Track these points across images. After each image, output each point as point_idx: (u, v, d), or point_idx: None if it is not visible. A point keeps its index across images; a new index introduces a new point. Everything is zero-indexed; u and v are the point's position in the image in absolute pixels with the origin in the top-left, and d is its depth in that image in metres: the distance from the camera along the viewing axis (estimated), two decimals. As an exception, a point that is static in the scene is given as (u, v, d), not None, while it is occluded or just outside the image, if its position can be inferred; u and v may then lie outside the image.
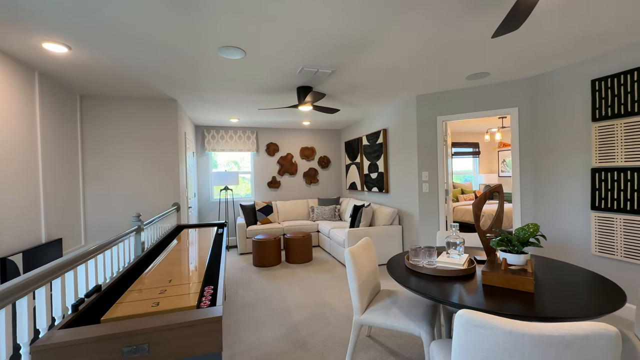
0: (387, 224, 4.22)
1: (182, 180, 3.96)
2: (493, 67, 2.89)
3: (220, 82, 3.12)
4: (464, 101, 3.58)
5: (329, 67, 2.77)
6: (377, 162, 4.86)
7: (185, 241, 2.59)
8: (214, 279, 1.62)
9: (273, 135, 6.07)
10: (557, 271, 1.69)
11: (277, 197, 6.10)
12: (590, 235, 2.75)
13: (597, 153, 2.66)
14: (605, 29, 2.16)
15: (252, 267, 4.23)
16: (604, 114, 2.61)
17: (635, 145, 2.41)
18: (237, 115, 4.83)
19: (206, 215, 5.65)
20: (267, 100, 3.86)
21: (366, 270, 1.98)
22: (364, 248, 2.09)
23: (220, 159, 5.90)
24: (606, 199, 2.60)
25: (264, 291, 3.32)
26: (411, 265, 1.75)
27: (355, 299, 1.84)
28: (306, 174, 6.28)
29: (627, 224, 2.48)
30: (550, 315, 1.19)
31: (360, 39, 2.22)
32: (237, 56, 2.47)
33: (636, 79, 2.39)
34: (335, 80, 3.17)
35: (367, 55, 2.54)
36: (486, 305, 1.29)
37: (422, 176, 3.83)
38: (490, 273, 1.44)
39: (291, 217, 5.75)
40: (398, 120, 4.28)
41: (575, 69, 2.83)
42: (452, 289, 1.49)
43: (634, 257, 2.43)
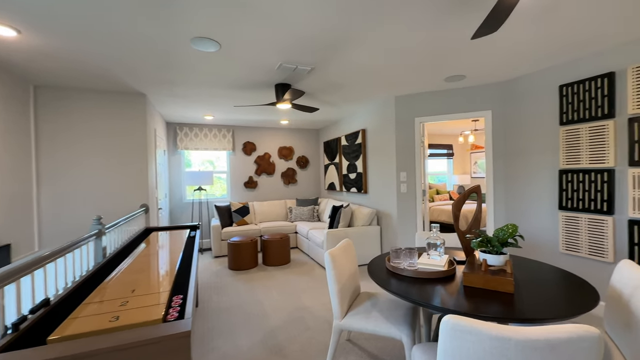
0: (366, 225, 4.21)
1: (151, 180, 3.72)
2: (469, 70, 2.95)
3: (193, 76, 2.95)
4: (441, 103, 3.64)
5: (308, 64, 2.69)
6: (355, 162, 4.85)
7: (154, 245, 2.41)
8: (184, 287, 1.49)
9: (250, 134, 5.90)
10: (532, 270, 1.72)
11: (254, 197, 5.94)
12: (558, 234, 2.87)
13: (564, 155, 2.79)
14: (573, 38, 2.25)
15: (227, 271, 4.07)
16: (570, 118, 2.74)
17: (599, 148, 2.54)
18: (212, 113, 4.63)
19: (178, 217, 5.38)
20: (244, 96, 3.72)
21: (346, 273, 1.93)
22: (344, 250, 2.04)
23: (195, 158, 5.65)
24: (572, 199, 2.73)
25: (240, 296, 3.18)
26: (392, 268, 1.72)
27: (335, 303, 1.78)
28: (284, 174, 6.16)
29: (591, 223, 2.61)
30: (531, 316, 1.19)
31: (341, 36, 2.17)
32: (212, 49, 2.33)
33: (599, 85, 2.52)
34: (314, 78, 3.10)
35: (347, 54, 2.49)
36: (468, 308, 1.27)
37: (400, 177, 3.85)
38: (471, 274, 1.43)
39: (269, 218, 5.61)
40: (377, 121, 4.29)
41: (544, 75, 2.95)
42: (433, 291, 1.47)
43: (597, 254, 2.57)
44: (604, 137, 2.51)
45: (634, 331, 1.27)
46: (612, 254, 2.48)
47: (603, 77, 2.50)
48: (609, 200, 2.48)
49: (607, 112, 2.48)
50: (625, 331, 1.33)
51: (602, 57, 2.52)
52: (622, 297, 1.39)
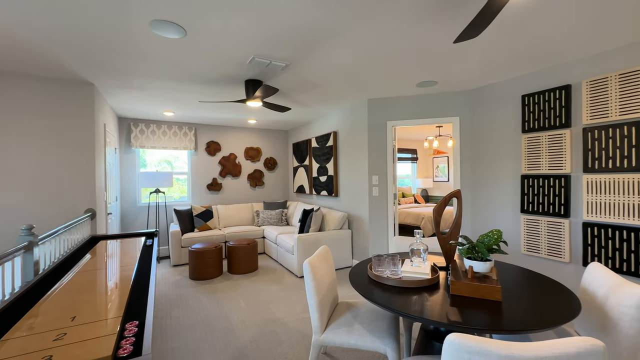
0: (337, 229, 4.13)
1: (99, 181, 3.28)
2: (441, 76, 3.01)
3: (152, 65, 2.64)
4: (413, 108, 3.69)
5: (283, 59, 2.54)
6: (326, 165, 4.77)
7: (102, 257, 2.08)
8: (140, 310, 1.26)
9: (214, 132, 5.55)
10: (514, 275, 1.74)
11: (218, 200, 5.58)
12: (520, 236, 3.02)
13: (526, 161, 2.94)
14: (536, 52, 2.38)
15: (189, 281, 3.73)
16: (531, 127, 2.90)
17: (557, 155, 2.71)
18: (172, 109, 4.25)
19: (131, 223, 4.86)
20: (211, 92, 3.45)
21: (326, 283, 1.80)
22: (323, 258, 1.91)
23: (150, 158, 5.16)
24: (533, 203, 2.89)
25: (204, 309, 2.90)
26: (375, 277, 1.63)
27: (314, 317, 1.65)
28: (251, 176, 5.89)
29: (549, 226, 2.77)
30: (522, 327, 1.16)
31: (320, 32, 2.05)
32: (175, 35, 2.08)
33: (558, 96, 2.70)
34: (289, 76, 2.95)
35: (325, 52, 2.38)
36: (461, 320, 1.22)
37: (373, 180, 3.84)
38: (458, 283, 1.39)
39: (234, 222, 5.31)
40: (349, 123, 4.24)
41: (508, 85, 3.11)
42: (421, 301, 1.40)
43: (555, 255, 2.73)
44: (561, 145, 2.69)
45: (611, 333, 1.31)
46: (568, 255, 2.65)
47: (561, 89, 2.67)
48: (565, 204, 2.66)
49: (564, 122, 2.66)
50: (602, 333, 1.36)
51: (560, 71, 2.70)
52: (596, 300, 1.44)
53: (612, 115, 2.38)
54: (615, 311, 1.28)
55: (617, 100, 2.35)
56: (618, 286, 1.32)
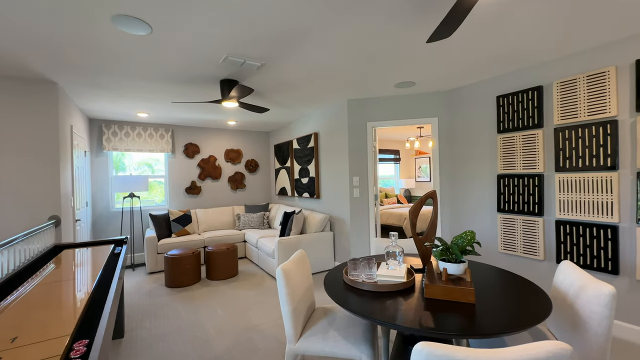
0: (319, 231, 4.08)
1: (64, 186, 3.09)
2: (419, 77, 3.02)
3: (119, 63, 2.51)
4: (392, 108, 3.70)
5: (258, 58, 2.47)
6: (308, 166, 4.71)
7: (62, 268, 1.94)
8: (93, 327, 1.16)
9: (193, 134, 5.39)
10: (487, 276, 1.73)
11: (197, 204, 5.42)
12: (497, 235, 3.07)
13: (501, 161, 2.99)
14: (508, 53, 2.41)
15: (164, 289, 3.57)
16: (506, 127, 2.95)
17: (530, 155, 2.77)
18: (146, 109, 4.09)
19: (103, 229, 4.63)
20: (184, 92, 3.32)
21: (301, 289, 1.74)
22: (298, 263, 1.85)
23: (130, 161, 4.97)
24: (509, 202, 2.94)
25: (178, 318, 2.78)
26: (350, 281, 1.59)
27: (288, 325, 1.58)
28: (232, 179, 5.75)
29: (524, 224, 2.82)
30: (494, 331, 1.14)
31: (295, 30, 2.00)
32: (141, 31, 1.97)
33: (530, 97, 2.76)
34: (265, 76, 2.88)
35: (300, 51, 2.33)
36: (434, 325, 1.18)
37: (353, 181, 3.81)
38: (432, 286, 1.36)
39: (214, 226, 5.16)
40: (329, 124, 4.21)
41: (484, 86, 3.16)
42: (395, 306, 1.36)
43: (530, 253, 2.78)
44: (534, 145, 2.74)
45: (580, 332, 1.31)
46: (542, 252, 2.70)
47: (533, 90, 2.73)
48: (539, 203, 2.71)
49: (537, 122, 2.72)
50: (572, 331, 1.37)
51: (533, 72, 2.76)
52: (567, 298, 1.45)
53: (581, 116, 2.44)
54: (585, 310, 1.29)
55: (585, 100, 2.41)
56: (587, 284, 1.33)
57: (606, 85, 2.29)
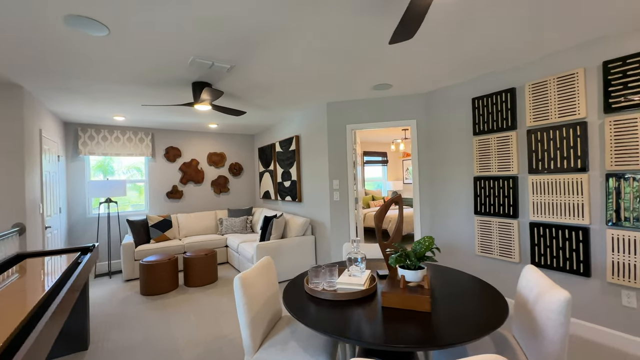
0: (300, 235, 4.02)
1: (31, 192, 2.98)
2: (395, 79, 2.99)
3: (84, 66, 2.43)
4: (371, 111, 3.67)
5: (227, 61, 2.42)
6: (290, 169, 4.66)
7: (21, 278, 1.85)
8: (13, 347, 1.08)
9: (173, 138, 5.29)
10: (450, 282, 1.70)
11: (179, 209, 5.31)
12: (474, 237, 3.05)
13: (477, 163, 2.98)
14: (481, 56, 2.40)
15: (139, 297, 3.47)
16: (482, 129, 2.94)
17: (505, 157, 2.76)
18: (122, 113, 3.99)
19: (79, 236, 4.50)
20: (157, 95, 3.25)
21: (262, 298, 1.68)
22: (262, 271, 1.79)
23: (118, 165, 4.96)
24: (485, 204, 2.92)
25: (149, 328, 2.69)
26: (310, 290, 1.53)
27: (246, 336, 1.52)
28: (215, 183, 5.66)
29: (500, 227, 2.81)
30: (447, 341, 1.10)
31: (262, 31, 1.95)
32: (99, 32, 1.90)
33: (504, 99, 2.75)
34: (237, 78, 2.82)
35: (271, 53, 2.28)
36: (385, 335, 1.14)
37: (333, 184, 3.77)
38: (389, 294, 1.32)
39: (196, 231, 5.06)
40: (310, 127, 4.17)
41: (459, 88, 3.15)
42: (353, 316, 1.31)
43: (506, 255, 2.77)
44: (508, 147, 2.73)
45: (539, 339, 1.28)
46: (517, 255, 2.69)
47: (507, 92, 2.73)
48: (514, 205, 2.70)
49: (510, 124, 2.71)
50: (531, 338, 1.33)
51: (506, 74, 2.76)
52: (528, 304, 1.42)
53: (552, 117, 2.44)
54: (542, 316, 1.26)
55: (556, 102, 2.41)
56: (546, 290, 1.30)
57: (575, 87, 2.30)
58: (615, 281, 2.13)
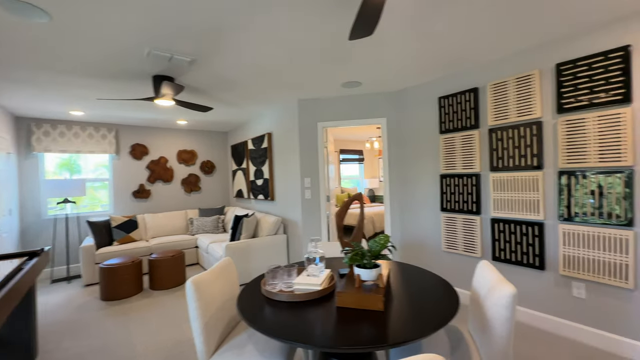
0: (272, 234, 3.96)
1: (-29, 192, 2.73)
2: (364, 77, 2.99)
3: (26, 55, 2.24)
4: (342, 109, 3.66)
5: (186, 53, 2.31)
6: (262, 167, 4.57)
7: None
8: None
9: (140, 134, 5.04)
10: (408, 279, 1.71)
11: (146, 209, 5.09)
12: (440, 234, 3.12)
13: (443, 161, 3.04)
14: (445, 56, 2.44)
15: (98, 303, 3.28)
16: (448, 128, 3.00)
17: (469, 155, 2.83)
18: (80, 107, 3.75)
19: (33, 239, 4.20)
20: (114, 88, 3.06)
21: (218, 301, 1.62)
22: (220, 273, 1.73)
23: (86, 163, 4.69)
24: (451, 202, 2.99)
25: (106, 335, 2.54)
26: (266, 292, 1.49)
27: (199, 342, 1.46)
28: (185, 181, 5.47)
29: (464, 223, 2.88)
30: (398, 340, 1.09)
31: (221, 22, 1.87)
32: (40, 19, 1.75)
33: (468, 98, 2.82)
34: (201, 73, 2.71)
35: (232, 46, 2.20)
36: (338, 337, 1.12)
37: (305, 182, 3.73)
38: (344, 294, 1.30)
39: (165, 232, 4.86)
40: (282, 124, 4.10)
41: (427, 87, 3.20)
42: (308, 317, 1.28)
43: (470, 250, 2.85)
44: (472, 145, 2.81)
45: (487, 334, 1.31)
46: (480, 250, 2.77)
47: (470, 92, 2.80)
48: (477, 202, 2.78)
49: (474, 123, 2.78)
50: (482, 333, 1.36)
51: (470, 74, 2.82)
52: (480, 299, 1.45)
53: (511, 117, 2.52)
54: (491, 311, 1.28)
55: (515, 102, 2.50)
56: (495, 286, 1.32)
57: (532, 88, 2.38)
58: (567, 273, 2.24)
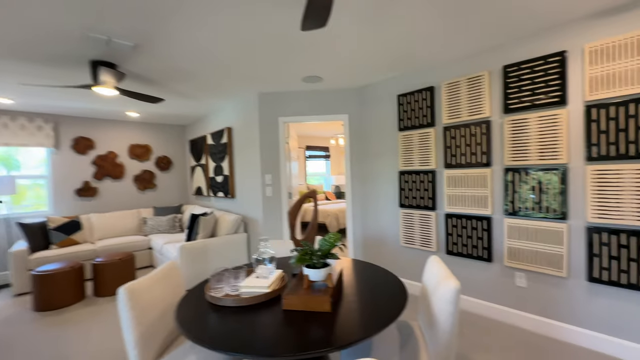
0: (231, 233, 3.80)
1: None
2: (324, 72, 2.94)
3: None
4: (304, 104, 3.59)
5: (127, 37, 2.09)
6: (222, 163, 4.37)
7: None
8: None
9: (84, 127, 4.59)
10: (361, 277, 1.69)
11: (93, 208, 4.65)
12: (399, 229, 3.18)
13: (402, 158, 3.10)
14: (402, 55, 2.46)
15: (30, 314, 2.93)
16: (406, 125, 3.05)
17: (425, 152, 2.90)
18: (6, 95, 3.30)
19: (-49, 244, 3.65)
20: (48, 73, 2.72)
21: (158, 308, 1.48)
22: (162, 277, 1.59)
23: (25, 158, 4.05)
24: (409, 198, 3.06)
25: (37, 350, 2.26)
26: (210, 298, 1.38)
27: (132, 355, 1.32)
28: (138, 178, 5.08)
29: (421, 218, 2.96)
30: (345, 342, 1.05)
31: (165, 5, 1.70)
32: None
33: (424, 97, 2.88)
34: (150, 60, 2.49)
35: (179, 32, 2.03)
36: (281, 342, 1.06)
37: (266, 179, 3.62)
38: (291, 296, 1.24)
39: (114, 233, 4.48)
40: (242, 119, 3.94)
41: (387, 84, 3.23)
42: (253, 323, 1.21)
43: (426, 245, 2.93)
44: (428, 143, 2.88)
45: (434, 329, 1.32)
46: (435, 245, 2.86)
47: (427, 90, 2.86)
48: (432, 198, 2.86)
49: (430, 121, 2.85)
50: (430, 328, 1.38)
51: (428, 73, 2.89)
52: (428, 295, 1.46)
53: (463, 116, 2.61)
54: (437, 307, 1.30)
55: (467, 102, 2.59)
56: (441, 281, 1.34)
57: (482, 88, 2.48)
58: (511, 264, 2.38)
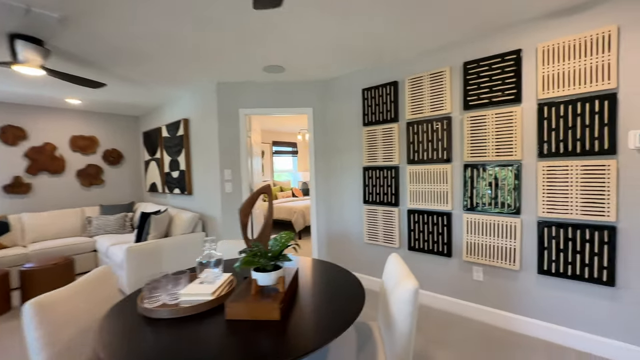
0: (188, 232, 3.53)
1: None
2: (286, 62, 2.79)
3: None
4: (266, 96, 3.41)
5: (51, 8, 1.79)
6: (178, 158, 4.06)
7: None
8: None
9: (13, 114, 4.02)
10: (319, 278, 1.59)
11: (25, 206, 4.11)
12: (363, 226, 3.14)
13: (366, 154, 3.05)
14: (366, 48, 2.38)
15: (-64, 333, 2.48)
16: (370, 120, 3.00)
17: (389, 148, 2.87)
18: None
19: None
20: (-46, 48, 2.29)
21: (81, 322, 1.27)
22: (87, 286, 1.37)
23: None
24: (372, 194, 3.02)
25: (-64, 378, 1.90)
26: (143, 310, 1.20)
27: (44, 383, 1.10)
28: (82, 173, 4.58)
29: (384, 215, 2.94)
30: (295, 354, 0.93)
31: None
32: None
33: (388, 92, 2.85)
34: (83, 37, 2.17)
35: (117, 5, 1.77)
36: (226, 357, 0.92)
37: (225, 175, 3.40)
38: (234, 304, 1.10)
39: (51, 234, 3.99)
40: (200, 110, 3.66)
41: (352, 78, 3.15)
42: (192, 337, 1.05)
43: (389, 242, 2.91)
44: (392, 138, 2.85)
45: (392, 330, 1.25)
46: (398, 241, 2.85)
47: (390, 85, 2.82)
48: (396, 194, 2.84)
49: (394, 116, 2.82)
50: (387, 329, 1.31)
51: (392, 67, 2.85)
52: (386, 295, 1.40)
53: (425, 111, 2.61)
54: (395, 307, 1.23)
55: (429, 97, 2.58)
56: (400, 280, 1.28)
57: (443, 84, 2.49)
58: (469, 259, 2.42)
